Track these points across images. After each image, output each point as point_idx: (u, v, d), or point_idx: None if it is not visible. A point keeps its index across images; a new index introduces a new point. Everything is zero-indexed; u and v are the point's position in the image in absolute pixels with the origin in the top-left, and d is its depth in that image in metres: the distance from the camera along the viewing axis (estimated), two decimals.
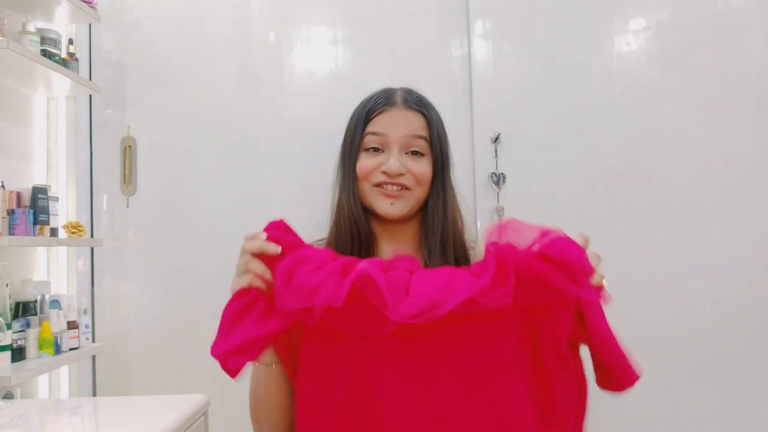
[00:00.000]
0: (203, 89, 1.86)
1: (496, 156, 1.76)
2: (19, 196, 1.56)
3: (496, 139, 1.75)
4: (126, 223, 1.86)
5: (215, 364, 1.04)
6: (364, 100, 1.15)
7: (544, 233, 0.90)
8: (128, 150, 1.87)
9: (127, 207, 1.86)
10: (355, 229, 1.09)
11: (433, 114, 1.14)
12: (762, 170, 1.69)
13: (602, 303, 0.90)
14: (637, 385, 1.71)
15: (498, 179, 1.75)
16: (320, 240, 1.20)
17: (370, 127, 1.09)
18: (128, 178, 1.86)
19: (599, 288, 0.90)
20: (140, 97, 1.88)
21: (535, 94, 1.77)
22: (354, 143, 1.10)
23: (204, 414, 1.35)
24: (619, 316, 1.80)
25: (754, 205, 1.69)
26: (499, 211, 1.74)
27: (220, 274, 1.84)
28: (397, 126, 1.08)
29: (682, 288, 1.69)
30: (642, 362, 1.64)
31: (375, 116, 1.09)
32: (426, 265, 1.07)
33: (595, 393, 0.98)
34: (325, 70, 1.84)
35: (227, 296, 1.88)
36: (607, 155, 1.73)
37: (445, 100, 1.84)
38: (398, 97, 1.12)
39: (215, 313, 2.03)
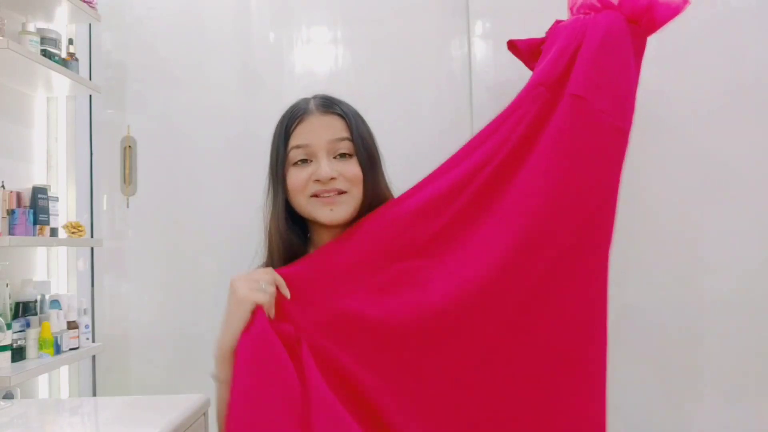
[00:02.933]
0: (203, 89, 1.86)
1: None
2: (19, 196, 1.55)
3: None
4: (126, 223, 1.86)
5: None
6: (280, 118, 1.16)
7: None
8: (128, 150, 1.87)
9: (127, 207, 1.86)
10: (285, 254, 1.10)
11: (350, 111, 1.13)
12: (762, 170, 1.69)
13: None
14: (638, 385, 1.71)
15: None
16: (261, 264, 1.19)
17: (293, 141, 1.09)
18: (128, 178, 1.86)
19: None
20: (140, 97, 1.88)
21: None
22: (279, 161, 1.11)
23: (204, 414, 1.35)
24: (619, 315, 1.80)
25: (754, 204, 1.69)
26: None
27: (220, 274, 1.84)
28: (318, 133, 1.08)
29: (682, 287, 1.69)
30: (642, 362, 1.65)
31: (294, 129, 1.10)
32: None
33: None
34: (325, 70, 1.84)
35: (227, 296, 1.85)
36: None
37: (445, 100, 1.85)
38: (312, 105, 1.12)
39: (215, 313, 2.02)
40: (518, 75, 1.79)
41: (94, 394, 1.82)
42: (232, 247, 1.82)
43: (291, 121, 1.11)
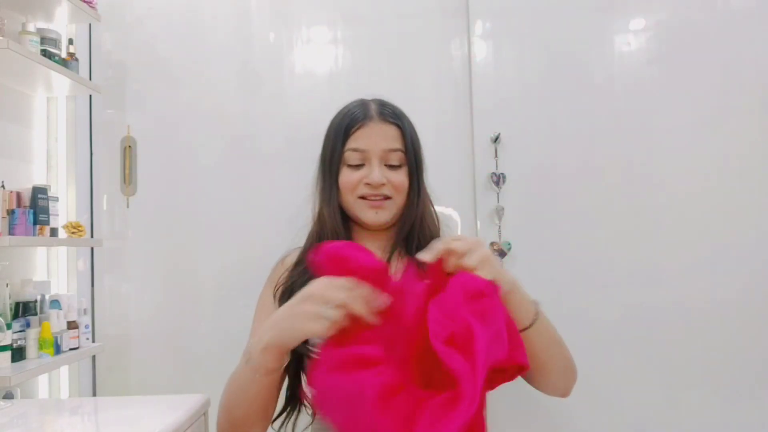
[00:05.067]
0: (203, 89, 1.86)
1: (496, 156, 1.76)
2: (19, 196, 1.55)
3: (496, 139, 1.75)
4: (126, 223, 1.86)
5: (215, 364, 1.05)
6: (340, 114, 1.22)
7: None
8: (128, 150, 1.87)
9: (127, 207, 1.86)
10: (336, 240, 1.16)
11: (407, 124, 1.22)
12: (762, 170, 1.69)
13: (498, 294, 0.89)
14: (638, 384, 1.74)
15: (498, 179, 1.75)
16: (297, 248, 1.25)
17: (351, 143, 1.16)
18: (128, 178, 1.86)
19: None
20: (140, 97, 1.88)
21: (535, 94, 1.77)
22: (335, 158, 1.18)
23: (204, 414, 1.35)
24: (619, 315, 1.81)
25: (754, 204, 1.69)
26: (499, 211, 1.74)
27: (220, 274, 1.85)
28: (375, 141, 1.16)
29: (682, 287, 1.69)
30: (643, 362, 1.66)
31: (354, 132, 1.16)
32: (391, 254, 1.18)
33: (596, 393, 0.99)
34: (325, 70, 1.84)
35: (227, 296, 1.89)
36: (607, 155, 1.74)
37: (445, 101, 1.85)
38: (374, 111, 1.19)
39: (215, 313, 2.03)
40: (518, 74, 1.80)
41: (94, 394, 1.82)
42: (232, 246, 1.82)
43: (352, 123, 1.17)
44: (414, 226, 1.20)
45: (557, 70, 1.76)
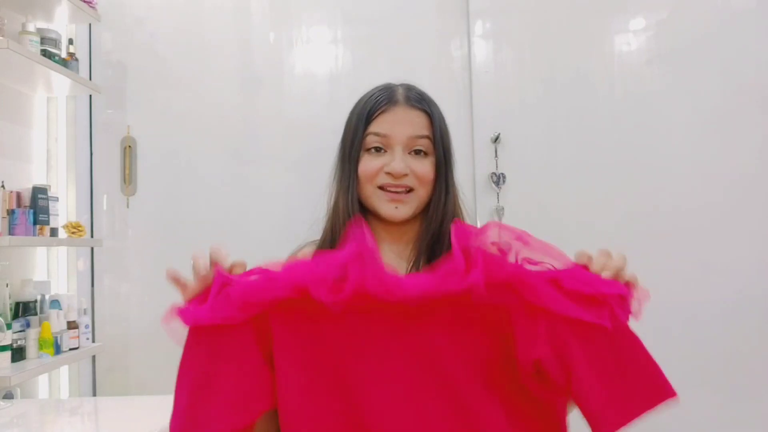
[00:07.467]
0: (203, 89, 1.86)
1: (496, 156, 1.76)
2: (19, 196, 1.55)
3: (496, 139, 1.75)
4: (126, 223, 1.86)
5: None
6: (363, 98, 1.11)
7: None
8: (128, 150, 1.87)
9: (127, 207, 1.86)
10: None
11: (435, 111, 1.10)
12: (763, 170, 1.69)
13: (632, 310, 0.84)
14: None
15: (498, 179, 1.75)
16: (312, 241, 1.20)
17: (373, 128, 1.06)
18: (128, 178, 1.86)
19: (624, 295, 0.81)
20: (140, 97, 1.88)
21: (535, 94, 1.77)
22: (355, 143, 1.07)
23: None
24: None
25: (755, 204, 1.69)
26: (499, 211, 1.74)
27: None
28: (400, 126, 1.05)
29: (683, 288, 1.69)
30: None
31: (377, 116, 1.06)
32: (416, 262, 1.06)
33: None
34: (325, 70, 1.84)
35: None
36: (607, 155, 1.74)
37: (445, 101, 1.82)
38: (400, 95, 1.08)
39: None
40: (518, 74, 1.80)
41: (94, 394, 1.82)
42: (231, 245, 1.81)
43: (376, 106, 1.06)
44: (443, 227, 1.06)
45: (557, 70, 1.76)
